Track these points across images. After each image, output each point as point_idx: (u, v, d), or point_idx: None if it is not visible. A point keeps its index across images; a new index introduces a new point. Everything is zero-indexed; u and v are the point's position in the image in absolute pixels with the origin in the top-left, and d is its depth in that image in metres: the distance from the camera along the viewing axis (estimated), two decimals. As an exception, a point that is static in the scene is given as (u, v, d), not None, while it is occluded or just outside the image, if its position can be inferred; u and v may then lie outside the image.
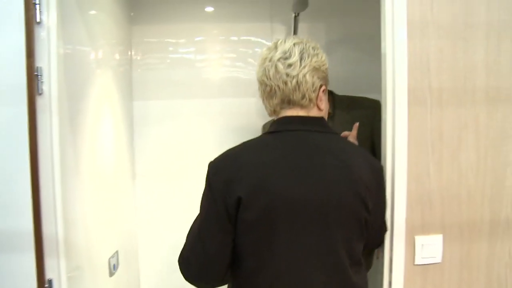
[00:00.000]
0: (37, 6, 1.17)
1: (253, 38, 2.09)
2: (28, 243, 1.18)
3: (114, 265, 1.70)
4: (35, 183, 1.19)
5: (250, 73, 2.08)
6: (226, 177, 1.05)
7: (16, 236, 1.19)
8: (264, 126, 1.83)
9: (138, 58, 2.05)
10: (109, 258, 1.66)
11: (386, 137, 1.24)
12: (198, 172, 2.02)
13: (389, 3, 1.21)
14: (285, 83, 1.09)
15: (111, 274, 1.68)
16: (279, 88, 1.10)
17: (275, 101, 1.12)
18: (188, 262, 1.10)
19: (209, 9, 2.08)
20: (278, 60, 1.10)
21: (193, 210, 2.02)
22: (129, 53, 2.01)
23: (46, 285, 1.22)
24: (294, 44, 1.12)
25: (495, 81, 1.25)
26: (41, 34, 1.18)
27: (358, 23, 1.99)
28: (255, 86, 2.05)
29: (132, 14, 2.01)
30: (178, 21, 2.05)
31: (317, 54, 1.12)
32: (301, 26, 1.96)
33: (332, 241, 1.04)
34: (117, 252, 1.75)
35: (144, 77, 2.04)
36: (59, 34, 1.22)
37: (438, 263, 1.27)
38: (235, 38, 2.08)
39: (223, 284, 1.13)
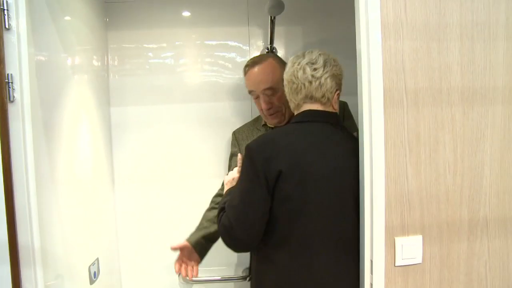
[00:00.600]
0: (5, 12, 1.18)
1: (230, 42, 2.11)
2: (3, 253, 1.18)
3: (94, 272, 1.70)
4: (9, 192, 1.19)
5: (228, 77, 2.10)
6: (267, 155, 1.28)
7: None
8: (234, 133, 1.86)
9: (115, 64, 2.04)
10: (89, 266, 1.66)
11: (364, 139, 1.26)
12: (178, 177, 2.06)
13: (362, 5, 1.23)
14: (310, 82, 1.36)
15: (92, 282, 1.68)
16: (304, 86, 1.36)
17: (300, 96, 1.38)
18: (232, 230, 1.29)
19: (186, 13, 2.09)
20: (306, 64, 1.37)
21: (174, 214, 2.05)
22: (106, 59, 2.01)
23: (22, 297, 1.22)
24: (319, 55, 1.38)
25: (470, 81, 1.28)
26: (10, 40, 1.19)
27: (334, 26, 2.02)
28: (234, 90, 2.10)
29: (107, 19, 2.01)
30: (154, 26, 2.06)
31: (336, 65, 1.40)
32: (278, 29, 1.98)
33: (346, 210, 1.31)
34: (97, 259, 1.74)
35: (121, 83, 2.04)
36: (30, 40, 1.23)
37: (418, 263, 1.30)
38: (213, 43, 2.09)
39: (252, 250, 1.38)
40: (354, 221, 1.31)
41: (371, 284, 1.28)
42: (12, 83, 1.18)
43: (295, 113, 1.42)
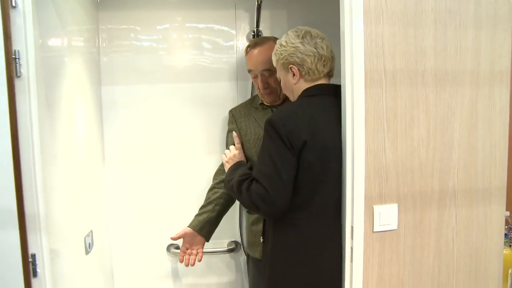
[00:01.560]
0: (12, -10, 1.27)
1: (216, 25, 2.22)
2: (13, 220, 1.29)
3: (89, 243, 1.82)
4: (17, 163, 1.30)
5: (215, 59, 2.22)
6: (291, 127, 1.43)
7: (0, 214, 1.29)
8: (231, 111, 1.99)
9: (105, 44, 2.14)
10: (85, 237, 1.78)
11: (346, 116, 1.41)
12: (166, 154, 2.19)
13: (347, -6, 1.37)
14: (332, 58, 1.55)
15: (87, 252, 1.80)
16: (328, 60, 1.53)
17: (326, 69, 1.53)
18: (268, 195, 1.41)
19: (174, -4, 2.20)
20: (323, 39, 1.53)
21: (161, 191, 2.18)
22: (97, 39, 2.10)
23: (30, 259, 1.33)
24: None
25: (443, 64, 1.44)
26: (17, 18, 1.28)
27: (318, 10, 2.16)
28: (221, 71, 2.23)
29: (98, 0, 2.10)
30: (144, 8, 2.16)
31: None
32: (264, 13, 2.13)
33: None
34: (91, 231, 1.86)
35: (111, 63, 2.14)
36: (35, 18, 1.32)
37: (394, 229, 1.46)
38: (201, 25, 2.20)
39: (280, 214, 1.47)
40: None
41: (352, 249, 1.43)
42: (19, 59, 1.28)
43: (304, 87, 1.54)
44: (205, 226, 1.88)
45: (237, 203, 2.07)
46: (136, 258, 2.23)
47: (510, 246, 1.87)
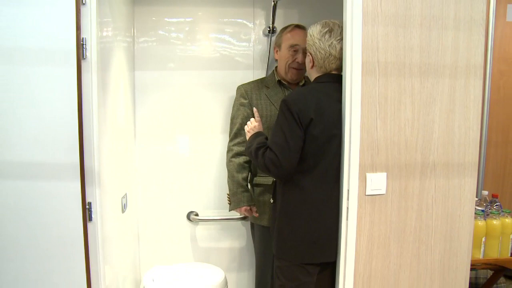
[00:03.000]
0: (83, -10, 1.65)
1: (236, 21, 2.61)
2: (76, 173, 1.67)
3: (124, 204, 2.20)
4: (80, 128, 1.68)
5: (234, 50, 2.61)
6: (301, 106, 1.80)
7: (66, 168, 1.67)
8: (243, 86, 2.37)
9: (139, 34, 2.52)
10: (121, 198, 2.16)
11: (346, 98, 1.77)
12: (189, 132, 2.59)
13: (349, 2, 1.73)
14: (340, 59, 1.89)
15: (123, 211, 2.18)
16: (339, 59, 1.88)
17: (333, 65, 1.89)
18: (279, 160, 1.80)
19: (202, -6, 2.59)
20: (339, 40, 1.86)
21: (182, 165, 2.57)
22: (132, 30, 2.48)
23: (87, 206, 1.71)
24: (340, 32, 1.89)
25: (426, 59, 1.80)
26: (85, 13, 1.66)
27: (325, 10, 2.54)
28: (239, 60, 2.61)
29: (134, -3, 2.49)
30: (172, 4, 2.54)
31: None
32: (278, 12, 2.52)
33: None
34: (126, 194, 2.24)
35: (143, 51, 2.53)
36: (97, 13, 1.70)
37: (383, 194, 1.82)
38: (222, 20, 2.59)
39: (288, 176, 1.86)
40: None
41: (347, 208, 1.80)
42: (85, 44, 1.66)
43: (315, 75, 1.95)
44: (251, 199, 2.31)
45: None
46: (159, 222, 2.64)
47: (485, 219, 2.24)
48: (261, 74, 2.58)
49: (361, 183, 1.80)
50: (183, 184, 2.61)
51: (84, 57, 1.66)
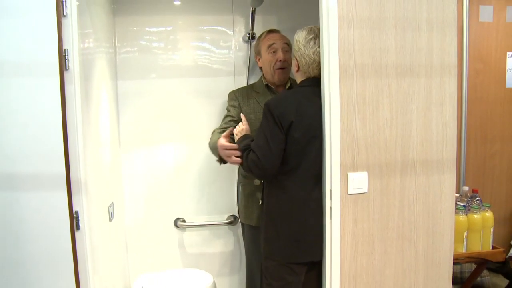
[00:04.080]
0: (64, 3, 1.67)
1: (217, 28, 2.66)
2: (62, 183, 1.69)
3: (111, 213, 2.23)
4: (65, 139, 1.70)
5: (215, 57, 2.66)
6: (282, 110, 1.87)
7: (52, 179, 1.69)
8: (233, 92, 2.45)
9: (120, 44, 2.56)
10: (108, 207, 2.18)
11: (325, 100, 1.83)
12: (171, 139, 2.61)
13: (324, 3, 1.79)
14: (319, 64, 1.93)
15: (110, 220, 2.20)
16: (319, 64, 1.92)
17: (317, 71, 1.94)
18: (260, 162, 1.87)
19: (178, 2, 2.64)
20: (318, 47, 1.91)
21: (167, 171, 2.61)
22: (113, 40, 2.52)
23: (74, 215, 1.74)
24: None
25: (402, 60, 1.87)
26: (66, 24, 1.69)
27: (302, 16, 2.58)
28: (220, 67, 2.66)
29: (114, 6, 2.52)
30: (152, 13, 2.59)
31: None
32: (257, 18, 2.58)
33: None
34: (112, 203, 2.27)
35: (125, 60, 2.57)
36: (79, 24, 1.73)
37: (365, 193, 1.88)
38: (202, 28, 2.64)
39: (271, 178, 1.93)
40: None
41: (331, 208, 1.85)
42: (67, 55, 1.69)
43: (300, 79, 2.02)
44: None
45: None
46: (146, 230, 2.67)
47: (466, 214, 2.31)
48: (242, 80, 2.63)
49: (343, 182, 1.85)
50: (169, 191, 2.64)
51: (67, 68, 1.69)
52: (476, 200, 2.36)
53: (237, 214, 2.67)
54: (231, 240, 2.72)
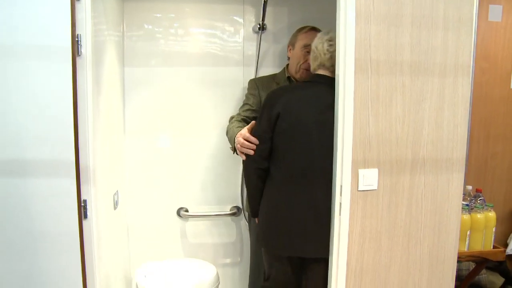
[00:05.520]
0: (77, -14, 1.62)
1: (227, 17, 2.59)
2: (71, 170, 1.64)
3: (116, 201, 2.18)
4: (76, 126, 1.65)
5: (224, 47, 2.60)
6: (273, 102, 1.94)
7: (61, 166, 1.64)
8: (254, 80, 2.43)
9: (128, 30, 2.49)
10: (113, 195, 2.14)
11: (339, 96, 1.79)
12: (177, 129, 2.56)
13: (343, 0, 1.75)
14: (324, 54, 1.96)
15: (115, 207, 2.15)
16: (320, 56, 1.97)
17: (316, 63, 1.99)
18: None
19: (192, -10, 2.57)
20: (325, 41, 1.97)
21: (172, 161, 2.56)
22: (122, 26, 2.45)
23: (82, 204, 1.69)
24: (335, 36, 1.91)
25: (417, 57, 1.83)
26: (80, 9, 1.63)
27: (314, 8, 2.55)
28: (228, 57, 2.60)
29: (124, -9, 2.46)
30: (162, 0, 2.51)
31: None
32: (268, 9, 2.50)
33: (326, 151, 1.87)
34: (117, 191, 2.22)
35: (133, 47, 2.50)
36: (92, 8, 1.67)
37: (374, 189, 1.85)
38: (212, 16, 2.57)
39: (265, 166, 1.97)
40: (330, 161, 1.86)
41: (340, 204, 1.82)
42: (80, 41, 1.63)
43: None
44: None
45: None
46: (149, 218, 2.62)
47: (470, 213, 2.30)
48: (251, 71, 2.58)
49: (353, 179, 1.82)
50: (173, 180, 2.60)
51: (79, 53, 1.64)
52: (480, 200, 2.35)
53: (240, 205, 2.64)
54: (234, 231, 2.69)
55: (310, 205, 1.89)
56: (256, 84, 2.39)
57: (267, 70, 2.56)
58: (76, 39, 1.62)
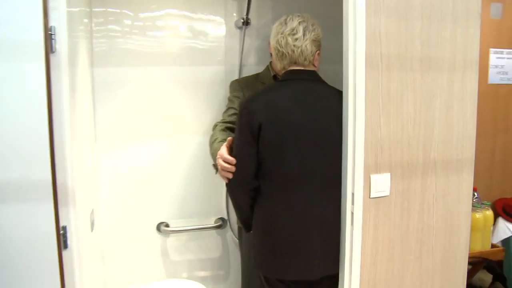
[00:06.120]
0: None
1: (206, 11, 2.34)
2: (47, 192, 1.35)
3: (93, 221, 1.87)
4: (51, 135, 1.35)
5: (204, 44, 2.34)
6: (251, 110, 1.66)
7: (35, 187, 1.34)
8: (237, 81, 2.20)
9: (98, 27, 2.17)
10: (90, 214, 1.83)
11: (348, 95, 1.61)
12: (154, 134, 2.28)
13: (351, -13, 1.57)
14: (293, 51, 1.72)
15: (92, 229, 1.85)
16: (288, 54, 1.73)
17: (285, 62, 1.76)
18: (235, 171, 1.67)
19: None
20: (288, 34, 1.72)
21: (150, 170, 2.27)
22: (90, 21, 2.13)
23: (61, 231, 1.40)
24: (299, 23, 1.73)
25: (427, 52, 1.69)
26: (53, -4, 1.34)
27: (298, 5, 2.27)
28: (209, 55, 2.33)
29: (91, -18, 2.14)
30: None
31: (314, 29, 1.75)
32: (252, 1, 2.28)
33: (324, 153, 1.67)
34: (93, 210, 1.91)
35: (103, 45, 2.19)
36: (66, -3, 1.38)
37: (387, 196, 1.69)
38: (190, 11, 2.31)
39: (254, 186, 1.69)
40: (330, 163, 1.68)
41: (352, 213, 1.64)
42: (54, 35, 1.34)
43: (281, 73, 1.79)
44: None
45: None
46: (126, 237, 2.31)
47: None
48: (233, 70, 2.34)
49: (365, 185, 1.65)
50: (151, 192, 2.30)
51: (53, 50, 1.35)
52: (475, 199, 2.27)
53: (226, 217, 2.40)
54: (220, 245, 2.44)
55: (313, 217, 1.69)
56: (239, 85, 2.16)
57: (251, 68, 2.33)
58: (50, 32, 1.33)
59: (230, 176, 1.71)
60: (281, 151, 1.65)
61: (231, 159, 1.69)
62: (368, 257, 1.70)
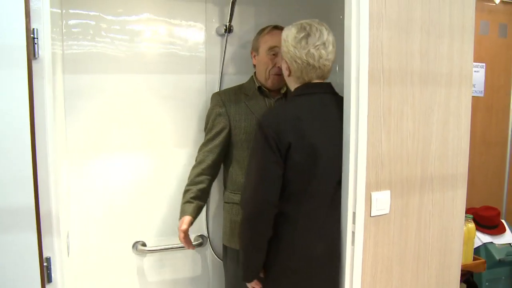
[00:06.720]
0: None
1: (186, 18, 2.18)
2: (30, 221, 1.15)
3: (68, 245, 1.67)
4: (34, 154, 1.16)
5: (183, 51, 2.18)
6: (276, 128, 1.51)
7: (15, 214, 1.14)
8: (218, 94, 2.05)
9: (69, 30, 1.96)
10: (66, 238, 1.62)
11: (350, 111, 1.52)
12: (130, 147, 2.09)
13: (355, 2, 1.49)
14: (324, 65, 1.59)
15: (68, 255, 1.64)
16: (320, 68, 1.58)
17: (313, 75, 1.60)
18: (255, 196, 1.53)
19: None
20: (321, 45, 1.56)
21: (125, 186, 2.07)
22: (61, 21, 1.91)
23: (45, 264, 1.21)
24: (328, 34, 1.59)
25: (426, 66, 1.65)
26: (34, -6, 1.15)
27: (282, 9, 2.25)
28: (189, 63, 2.18)
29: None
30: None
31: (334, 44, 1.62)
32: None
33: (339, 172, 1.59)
34: (68, 232, 1.70)
35: (73, 49, 1.97)
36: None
37: (386, 214, 1.63)
38: (170, 17, 2.14)
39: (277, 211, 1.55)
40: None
41: (353, 233, 1.56)
42: (37, 38, 1.15)
43: (293, 85, 1.65)
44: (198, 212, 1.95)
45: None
46: (98, 258, 2.08)
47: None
48: (214, 78, 2.19)
49: (366, 203, 1.58)
50: (126, 210, 2.09)
51: (36, 56, 1.16)
52: (458, 211, 2.26)
53: (206, 234, 2.24)
54: (200, 264, 2.27)
55: (326, 240, 1.60)
56: (221, 99, 1.99)
57: (233, 78, 2.20)
58: (32, 35, 1.14)
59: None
60: (308, 170, 1.54)
61: (186, 245, 1.88)
62: (368, 278, 1.62)
